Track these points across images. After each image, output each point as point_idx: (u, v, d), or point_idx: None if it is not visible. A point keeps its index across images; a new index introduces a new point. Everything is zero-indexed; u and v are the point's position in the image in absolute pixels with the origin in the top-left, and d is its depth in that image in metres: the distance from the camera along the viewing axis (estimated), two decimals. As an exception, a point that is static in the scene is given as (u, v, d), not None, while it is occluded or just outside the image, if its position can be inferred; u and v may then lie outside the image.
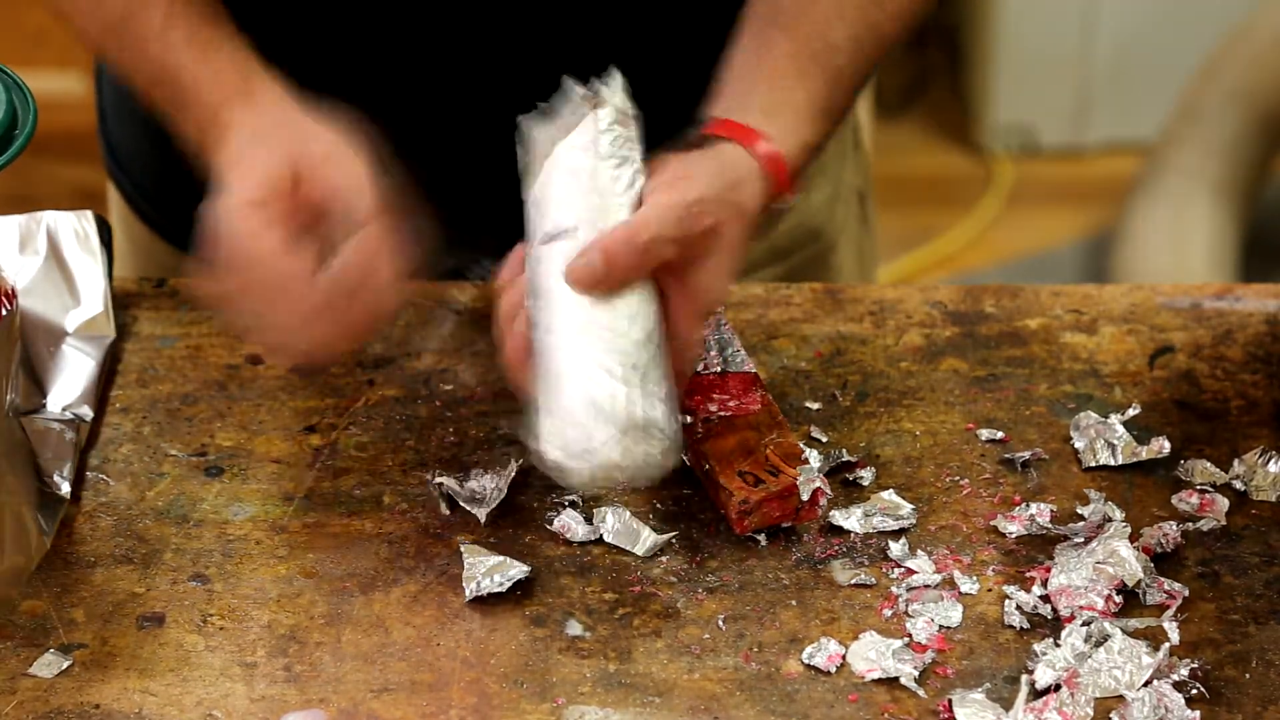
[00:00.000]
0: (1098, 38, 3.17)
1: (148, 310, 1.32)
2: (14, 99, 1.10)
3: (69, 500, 1.18)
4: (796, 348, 1.29)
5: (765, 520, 1.15)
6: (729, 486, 1.14)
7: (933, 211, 3.15)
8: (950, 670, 1.07)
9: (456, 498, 1.17)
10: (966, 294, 1.33)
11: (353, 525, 1.17)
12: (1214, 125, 2.92)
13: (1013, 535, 1.15)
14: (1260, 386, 1.25)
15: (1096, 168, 3.23)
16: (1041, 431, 1.22)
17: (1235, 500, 1.17)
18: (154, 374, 1.28)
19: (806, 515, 1.15)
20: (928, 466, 1.20)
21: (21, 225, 1.29)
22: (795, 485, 1.14)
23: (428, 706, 1.06)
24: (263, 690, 1.07)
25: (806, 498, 1.14)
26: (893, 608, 1.11)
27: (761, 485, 1.14)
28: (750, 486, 1.14)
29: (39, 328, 1.25)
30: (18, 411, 1.19)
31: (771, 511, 1.14)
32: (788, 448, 1.16)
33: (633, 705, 1.06)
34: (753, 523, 1.14)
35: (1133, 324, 1.30)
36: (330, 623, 1.11)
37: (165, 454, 1.22)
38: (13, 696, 1.06)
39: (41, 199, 1.39)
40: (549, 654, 1.09)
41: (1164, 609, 1.10)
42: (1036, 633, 1.09)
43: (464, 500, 1.17)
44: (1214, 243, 2.86)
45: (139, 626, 1.11)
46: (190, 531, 1.17)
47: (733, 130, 1.16)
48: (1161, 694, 1.04)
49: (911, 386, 1.26)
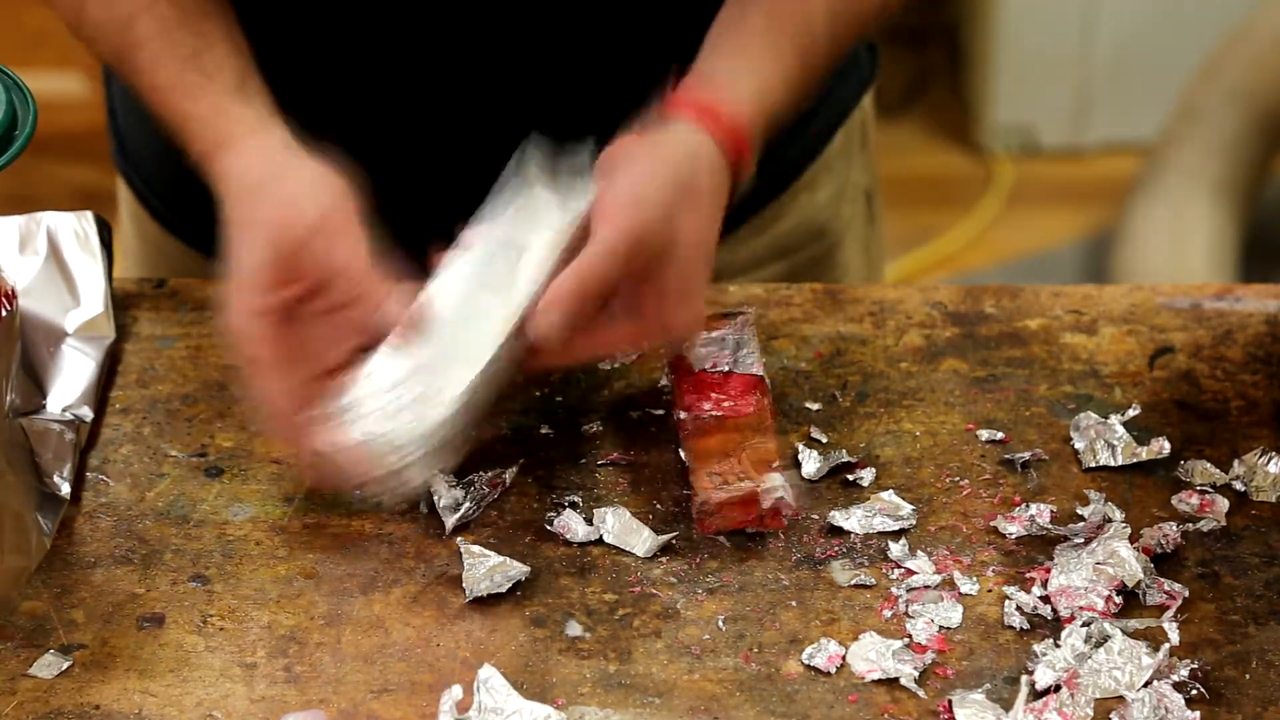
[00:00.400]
0: (1098, 38, 3.17)
1: (148, 310, 1.32)
2: (14, 99, 1.10)
3: (69, 500, 1.18)
4: (796, 348, 1.29)
5: (728, 523, 1.15)
6: (695, 486, 1.15)
7: (933, 211, 3.15)
8: (950, 671, 1.07)
9: (436, 499, 1.16)
10: (966, 294, 1.33)
11: (353, 525, 1.17)
12: (1214, 125, 2.92)
13: (1013, 536, 1.15)
14: (1260, 386, 1.25)
15: (1096, 168, 3.23)
16: (1041, 432, 1.22)
17: (1235, 501, 1.17)
18: (154, 374, 1.28)
19: (771, 523, 1.15)
20: (928, 467, 1.20)
21: (21, 225, 1.29)
22: (757, 493, 1.14)
23: (428, 707, 1.06)
24: (263, 691, 1.07)
25: (767, 506, 1.14)
26: (893, 608, 1.11)
27: (726, 488, 1.14)
28: (714, 489, 1.14)
29: (39, 328, 1.25)
30: (18, 412, 1.19)
31: (734, 515, 1.15)
32: (763, 454, 1.16)
33: (633, 706, 1.06)
34: (714, 524, 1.15)
35: (1133, 324, 1.30)
36: (330, 623, 1.11)
37: (165, 454, 1.22)
38: (13, 697, 1.06)
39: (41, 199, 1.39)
40: (549, 654, 1.09)
41: (1164, 609, 1.10)
42: (1036, 633, 1.09)
43: (441, 505, 1.16)
44: (1214, 243, 2.86)
45: (139, 627, 1.11)
46: (190, 532, 1.17)
47: (693, 109, 1.17)
48: (1161, 694, 1.04)
49: (911, 387, 1.26)
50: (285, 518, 1.18)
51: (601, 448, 1.22)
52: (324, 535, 1.16)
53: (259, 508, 1.18)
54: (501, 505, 1.18)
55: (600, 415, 1.24)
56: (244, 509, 1.18)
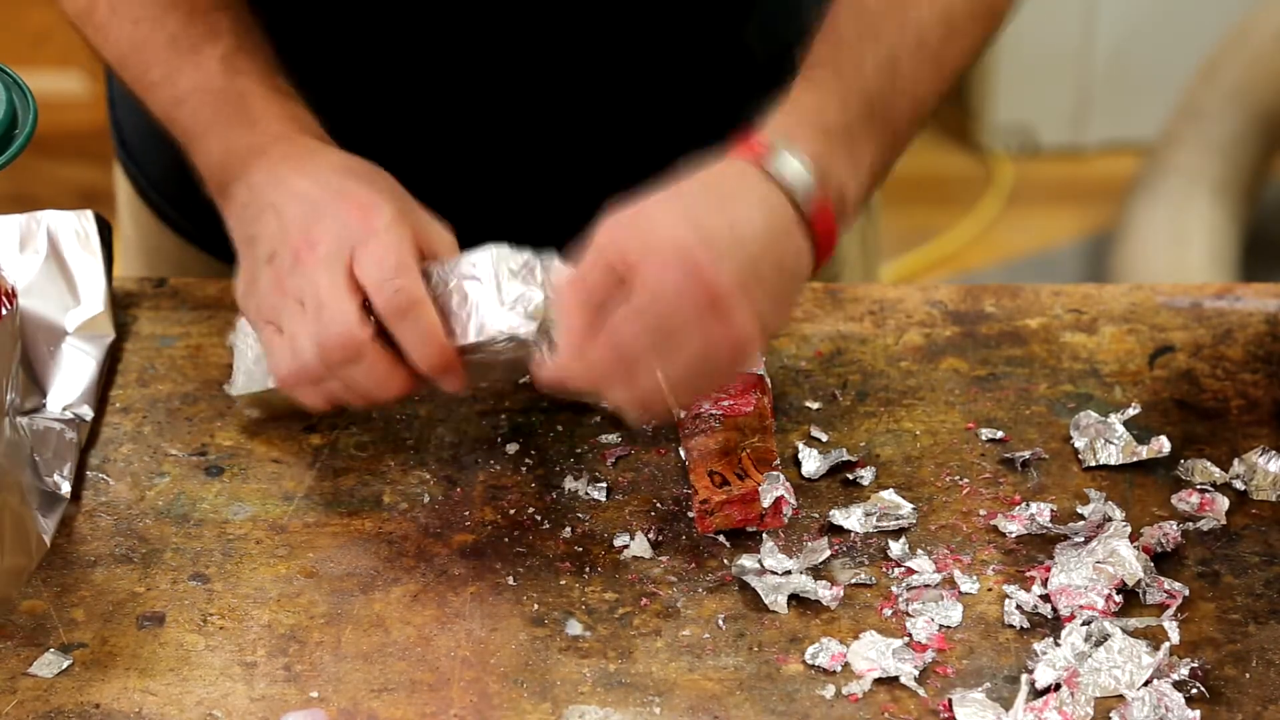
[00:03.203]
0: (1098, 38, 3.18)
1: (148, 310, 1.32)
2: (14, 99, 1.10)
3: (69, 499, 1.18)
4: (796, 347, 1.29)
5: (728, 522, 1.15)
6: (696, 485, 1.15)
7: (933, 211, 3.15)
8: (950, 670, 1.07)
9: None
10: (966, 294, 1.33)
11: (353, 525, 1.17)
12: (1214, 125, 2.92)
13: (1013, 535, 1.15)
14: (1260, 386, 1.25)
15: (1096, 168, 3.23)
16: (1041, 431, 1.22)
17: (1235, 500, 1.17)
18: (154, 374, 1.28)
19: (770, 522, 1.15)
20: (928, 466, 1.20)
21: (21, 225, 1.29)
22: (757, 491, 1.14)
23: (428, 706, 1.06)
24: (263, 690, 1.07)
25: (768, 504, 1.14)
26: (893, 607, 1.11)
27: (725, 487, 1.14)
28: (714, 487, 1.14)
29: (39, 327, 1.25)
30: (18, 411, 1.19)
31: (733, 514, 1.15)
32: (763, 453, 1.16)
33: (633, 705, 1.06)
34: (714, 523, 1.15)
35: (1133, 324, 1.30)
36: (330, 622, 1.11)
37: (165, 454, 1.22)
38: (13, 696, 1.06)
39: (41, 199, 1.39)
40: (549, 654, 1.09)
41: (1164, 609, 1.10)
42: (1036, 632, 1.09)
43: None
44: (1214, 242, 2.86)
45: (139, 626, 1.11)
46: (190, 531, 1.17)
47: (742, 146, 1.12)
48: (1161, 694, 1.04)
49: (911, 386, 1.26)
50: (285, 517, 1.18)
51: (602, 446, 1.22)
52: (324, 535, 1.16)
53: (259, 507, 1.18)
54: (502, 503, 1.18)
55: (601, 413, 1.24)
56: (244, 508, 1.18)
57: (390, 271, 1.11)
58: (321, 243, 1.12)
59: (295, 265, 1.13)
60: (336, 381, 1.13)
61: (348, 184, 1.15)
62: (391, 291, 1.11)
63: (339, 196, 1.14)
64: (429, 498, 1.18)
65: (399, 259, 1.11)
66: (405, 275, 1.11)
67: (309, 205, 1.14)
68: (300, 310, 1.12)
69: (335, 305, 1.11)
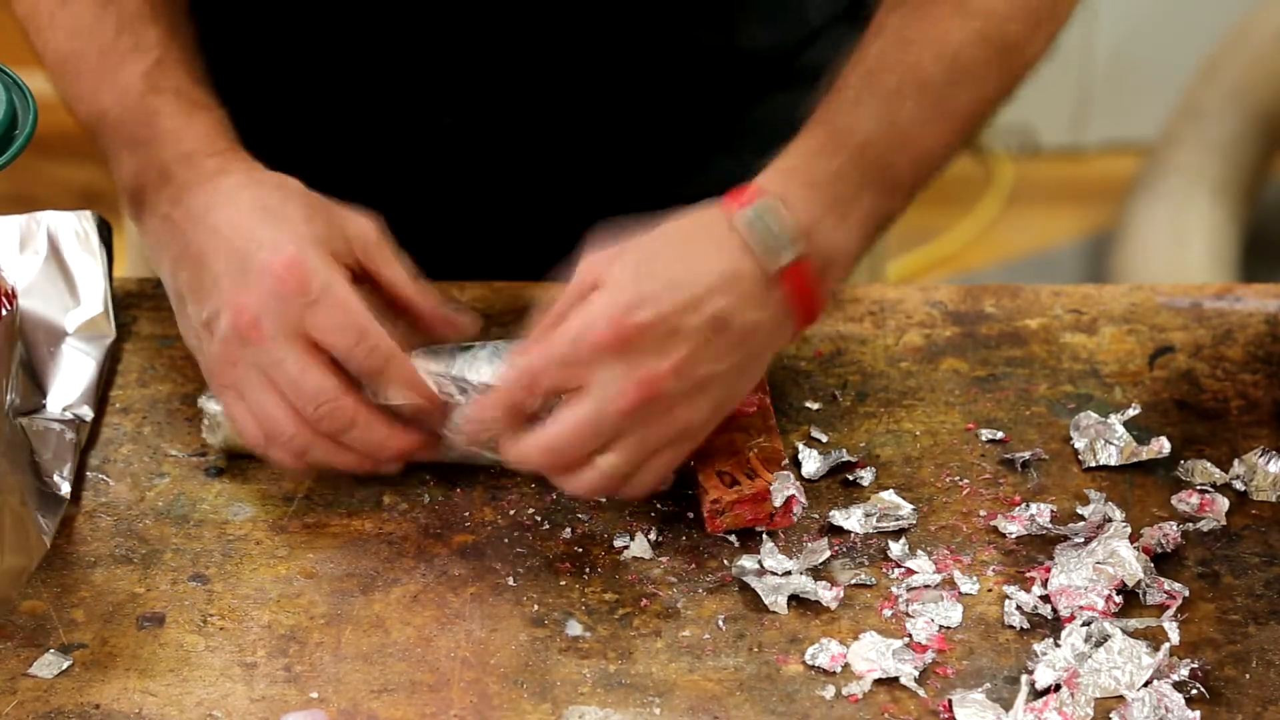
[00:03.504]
0: (1098, 38, 3.17)
1: (148, 310, 1.32)
2: (14, 99, 1.10)
3: (69, 500, 1.18)
4: (796, 348, 1.29)
5: (738, 522, 1.15)
6: (705, 485, 1.15)
7: (933, 211, 3.15)
8: (950, 670, 1.07)
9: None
10: (966, 294, 1.33)
11: (353, 525, 1.17)
12: (1214, 125, 2.92)
13: (1013, 535, 1.15)
14: (1260, 386, 1.25)
15: (1096, 168, 3.23)
16: (1041, 431, 1.22)
17: (1235, 500, 1.17)
18: (154, 374, 1.28)
19: (780, 521, 1.15)
20: (928, 466, 1.20)
21: (21, 225, 1.29)
22: (768, 490, 1.14)
23: (428, 706, 1.06)
24: (263, 690, 1.07)
25: (779, 504, 1.14)
26: (893, 608, 1.11)
27: (736, 487, 1.14)
28: (725, 487, 1.14)
29: (39, 328, 1.25)
30: (18, 411, 1.19)
31: (744, 514, 1.14)
32: (770, 453, 1.16)
33: (633, 705, 1.06)
34: (724, 523, 1.14)
35: (1133, 324, 1.30)
36: (330, 623, 1.11)
37: (165, 454, 1.22)
38: (13, 696, 1.06)
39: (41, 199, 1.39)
40: (549, 654, 1.09)
41: (1164, 609, 1.10)
42: (1036, 633, 1.09)
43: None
44: (1214, 242, 2.86)
45: (139, 626, 1.11)
46: (190, 531, 1.17)
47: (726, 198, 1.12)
48: (1161, 694, 1.04)
49: (911, 386, 1.26)
50: (285, 518, 1.18)
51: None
52: (324, 535, 1.16)
53: (259, 507, 1.18)
54: (502, 503, 1.18)
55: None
56: (244, 509, 1.18)
57: (354, 336, 1.11)
58: (264, 318, 1.11)
59: (244, 343, 1.12)
60: (322, 447, 1.13)
61: (258, 228, 1.13)
62: (365, 354, 1.11)
63: (258, 249, 1.12)
64: (429, 498, 1.18)
65: (355, 319, 1.12)
66: (370, 334, 1.12)
67: (229, 259, 1.13)
68: (266, 383, 1.12)
69: (314, 382, 1.11)
